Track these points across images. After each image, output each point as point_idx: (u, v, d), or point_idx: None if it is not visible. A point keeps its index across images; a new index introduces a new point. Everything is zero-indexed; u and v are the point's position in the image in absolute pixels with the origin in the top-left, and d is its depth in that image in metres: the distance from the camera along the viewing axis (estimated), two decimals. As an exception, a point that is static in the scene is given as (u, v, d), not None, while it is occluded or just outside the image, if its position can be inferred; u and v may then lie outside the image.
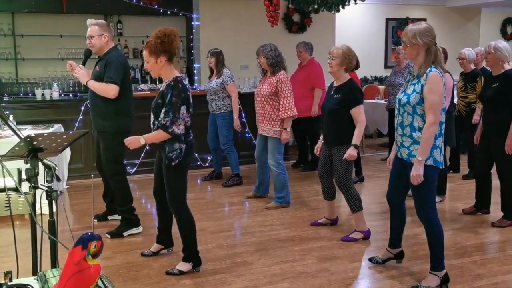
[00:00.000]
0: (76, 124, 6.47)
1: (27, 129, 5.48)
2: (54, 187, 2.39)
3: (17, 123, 5.53)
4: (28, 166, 2.37)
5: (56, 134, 2.51)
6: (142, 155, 6.77)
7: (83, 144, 6.53)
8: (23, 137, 2.34)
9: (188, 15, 8.35)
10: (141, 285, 3.61)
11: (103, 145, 4.60)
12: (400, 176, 3.56)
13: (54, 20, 7.90)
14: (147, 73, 8.15)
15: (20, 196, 4.65)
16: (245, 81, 7.56)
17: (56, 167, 2.45)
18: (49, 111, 6.42)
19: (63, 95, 6.89)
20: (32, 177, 2.36)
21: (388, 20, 10.07)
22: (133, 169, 6.79)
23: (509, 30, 11.39)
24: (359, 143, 4.39)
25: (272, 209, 5.36)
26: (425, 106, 3.28)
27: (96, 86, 4.43)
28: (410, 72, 3.53)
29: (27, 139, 2.32)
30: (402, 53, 6.49)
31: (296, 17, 8.72)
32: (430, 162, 3.33)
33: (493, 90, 4.70)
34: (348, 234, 4.53)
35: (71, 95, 6.92)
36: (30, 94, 6.99)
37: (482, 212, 5.15)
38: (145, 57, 3.65)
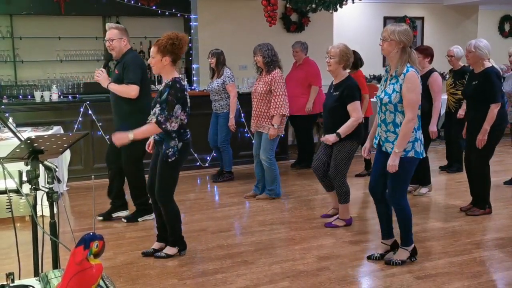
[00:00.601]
0: (76, 126, 6.47)
1: (27, 131, 5.49)
2: (55, 189, 2.40)
3: (17, 125, 5.53)
4: (29, 168, 2.38)
5: (56, 136, 2.52)
6: (142, 156, 6.77)
7: (83, 146, 6.54)
8: (24, 139, 2.35)
9: (186, 16, 8.36)
10: (142, 285, 3.62)
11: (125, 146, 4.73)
12: (384, 169, 3.73)
13: (53, 22, 7.91)
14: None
15: (21, 198, 4.66)
16: (244, 81, 7.57)
17: (57, 169, 2.46)
18: (49, 113, 6.43)
19: (62, 97, 6.89)
20: (33, 179, 2.36)
21: (386, 19, 10.07)
22: (133, 170, 6.79)
23: (507, 28, 11.41)
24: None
25: (270, 207, 5.38)
26: (404, 104, 3.54)
27: (117, 88, 4.62)
28: (387, 71, 3.75)
29: (28, 141, 2.33)
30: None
31: (294, 17, 8.74)
32: (412, 154, 3.62)
33: (473, 88, 4.84)
34: (331, 221, 4.79)
35: (70, 97, 6.92)
36: (29, 96, 7.00)
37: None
38: (152, 53, 3.84)
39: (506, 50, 7.09)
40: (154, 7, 7.89)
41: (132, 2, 7.72)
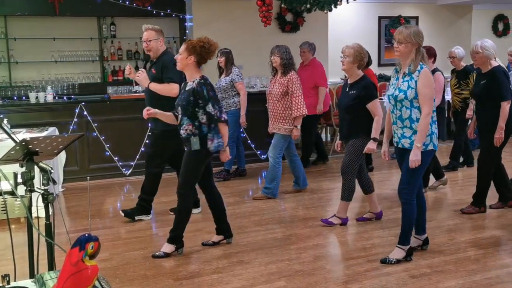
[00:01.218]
0: (71, 127, 6.46)
1: (22, 133, 5.48)
2: (50, 190, 2.40)
3: (12, 127, 5.53)
4: (24, 170, 2.38)
5: (51, 138, 2.52)
6: (138, 157, 6.78)
7: (78, 147, 6.53)
8: (19, 141, 2.35)
9: (181, 16, 8.36)
10: (139, 286, 3.62)
11: (154, 141, 4.95)
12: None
13: (47, 23, 7.89)
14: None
15: (17, 200, 4.66)
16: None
17: (52, 170, 2.46)
18: (44, 114, 6.42)
19: (57, 98, 6.88)
20: (28, 181, 2.37)
21: (381, 19, 10.09)
22: (129, 171, 6.80)
23: (500, 27, 11.45)
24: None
25: (266, 207, 5.39)
26: (420, 99, 3.71)
27: (159, 87, 4.73)
28: (397, 70, 3.92)
29: (23, 143, 2.33)
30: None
31: (289, 17, 8.74)
32: (431, 147, 3.79)
33: (482, 87, 4.89)
34: (328, 218, 4.82)
35: (66, 98, 6.91)
36: (24, 98, 6.97)
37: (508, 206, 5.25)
38: (180, 49, 4.04)
39: (500, 49, 7.11)
40: (149, 8, 7.88)
41: (127, 3, 7.72)
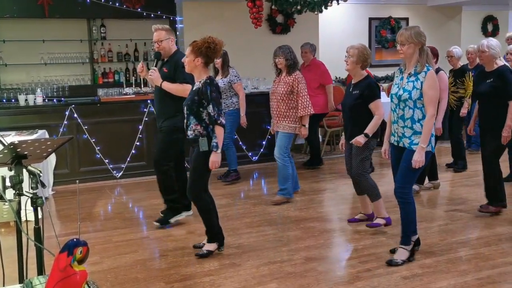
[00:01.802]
0: (61, 130, 6.42)
1: (11, 136, 5.42)
2: (39, 194, 2.38)
3: (0, 130, 5.48)
4: (12, 173, 2.36)
5: (41, 141, 2.50)
6: (128, 159, 6.75)
7: (68, 150, 6.48)
8: (7, 144, 2.32)
9: (172, 18, 8.32)
10: (130, 290, 3.60)
11: (162, 139, 4.88)
12: (399, 164, 3.90)
13: (36, 25, 7.82)
14: (133, 77, 8.15)
15: (5, 204, 4.61)
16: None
17: (41, 174, 2.43)
18: (33, 117, 6.36)
19: (47, 100, 6.82)
20: (17, 184, 2.34)
21: (371, 20, 10.14)
22: (120, 173, 6.76)
23: (490, 28, 11.52)
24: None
25: (257, 209, 5.38)
26: (425, 100, 3.73)
27: (172, 87, 4.72)
28: (401, 70, 3.94)
29: (11, 146, 2.30)
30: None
31: (280, 18, 8.74)
32: (429, 148, 3.80)
33: (488, 85, 4.93)
34: (374, 221, 4.73)
35: (55, 100, 6.86)
36: (13, 100, 6.89)
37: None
38: (187, 52, 4.07)
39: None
40: (139, 10, 7.85)
41: (117, 5, 7.68)
